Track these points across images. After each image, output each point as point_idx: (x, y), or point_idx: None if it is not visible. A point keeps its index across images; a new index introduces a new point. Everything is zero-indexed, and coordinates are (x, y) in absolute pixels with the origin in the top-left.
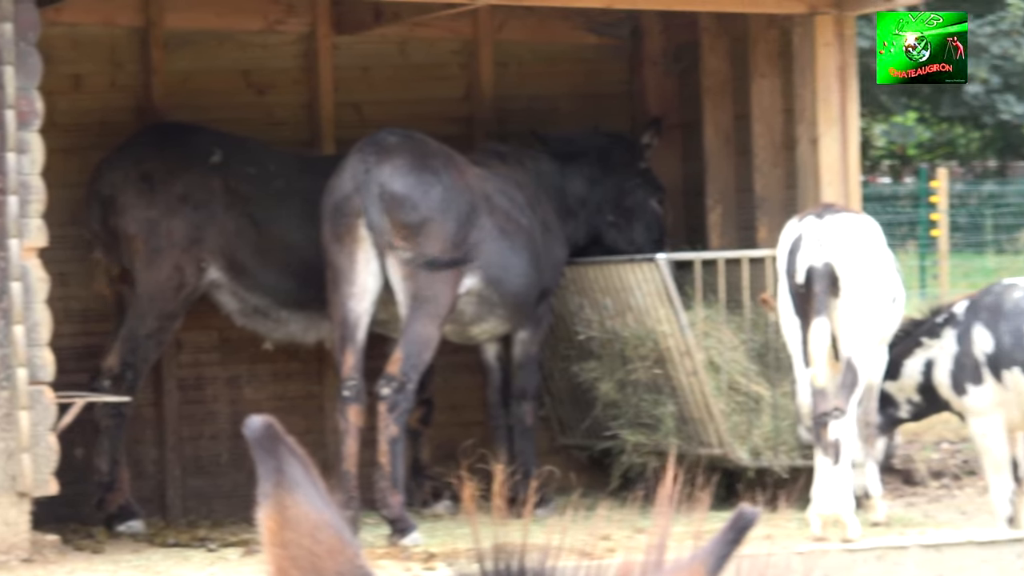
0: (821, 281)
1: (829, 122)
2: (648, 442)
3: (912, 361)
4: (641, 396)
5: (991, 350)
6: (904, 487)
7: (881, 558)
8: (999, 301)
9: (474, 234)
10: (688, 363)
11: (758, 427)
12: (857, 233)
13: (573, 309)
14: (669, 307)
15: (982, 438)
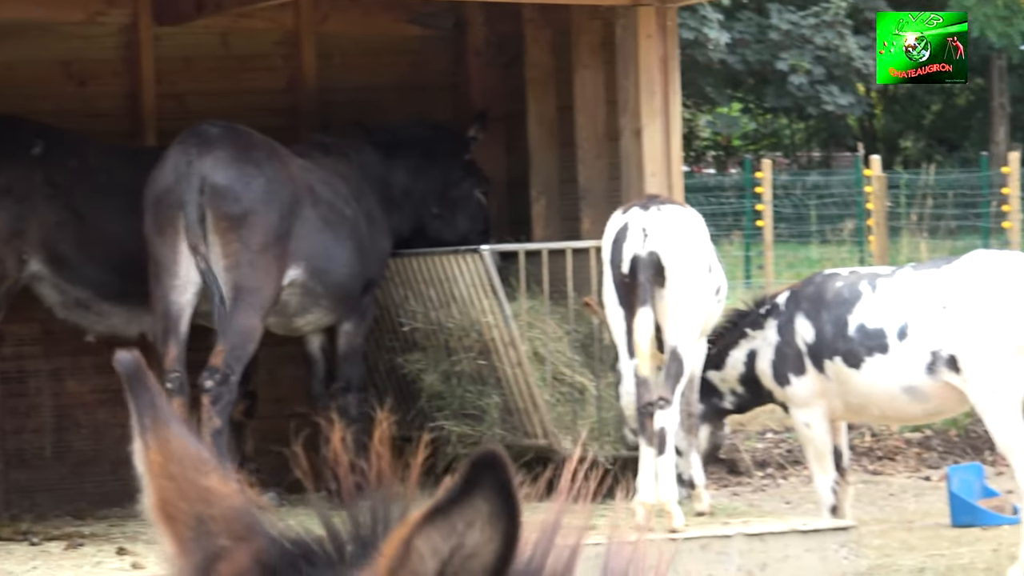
0: (646, 271)
1: (652, 113)
2: (473, 433)
3: (736, 352)
4: (466, 387)
5: (812, 340)
6: (729, 477)
7: (705, 547)
8: (820, 291)
9: (297, 226)
10: (512, 354)
11: (582, 418)
12: (681, 224)
13: (398, 300)
14: (493, 298)
15: (805, 428)
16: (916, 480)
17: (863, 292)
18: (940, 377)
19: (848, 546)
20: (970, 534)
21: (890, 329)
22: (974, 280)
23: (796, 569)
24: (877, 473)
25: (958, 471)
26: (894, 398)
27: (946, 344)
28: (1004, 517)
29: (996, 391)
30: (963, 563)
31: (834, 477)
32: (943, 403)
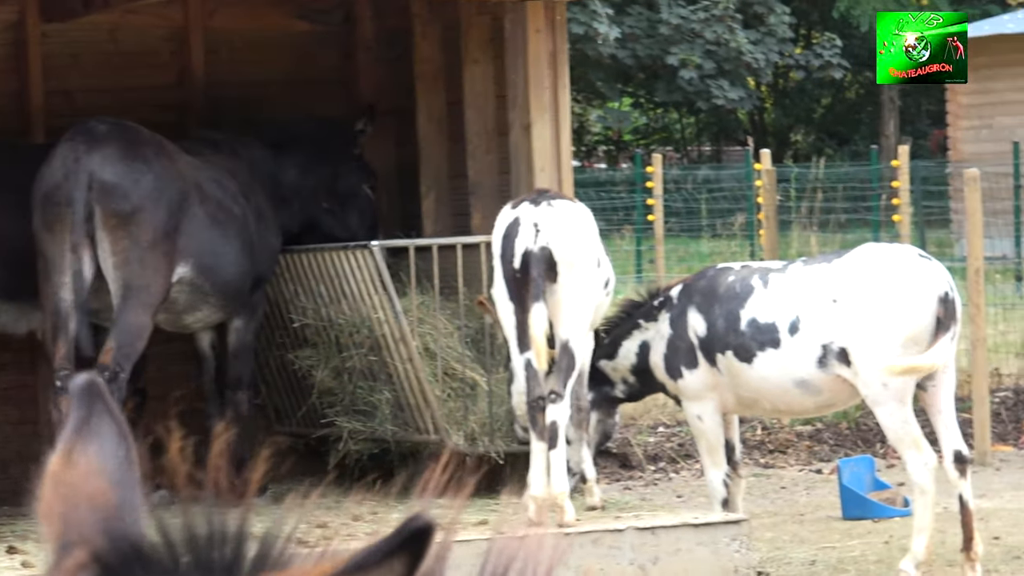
0: (538, 266)
1: (541, 108)
2: (364, 429)
3: (629, 343)
4: (357, 383)
5: (704, 334)
6: (621, 471)
7: (597, 542)
8: (712, 285)
9: (186, 223)
10: (403, 350)
11: (474, 413)
12: (572, 219)
13: (288, 297)
14: (383, 294)
15: (697, 421)
16: (807, 473)
17: (755, 286)
18: (831, 370)
19: (740, 539)
20: (861, 527)
21: (781, 323)
22: (864, 273)
23: (688, 563)
24: (768, 466)
25: (849, 464)
26: (786, 391)
27: (837, 337)
28: (895, 510)
29: (886, 384)
30: (854, 555)
31: (726, 470)
32: (834, 396)
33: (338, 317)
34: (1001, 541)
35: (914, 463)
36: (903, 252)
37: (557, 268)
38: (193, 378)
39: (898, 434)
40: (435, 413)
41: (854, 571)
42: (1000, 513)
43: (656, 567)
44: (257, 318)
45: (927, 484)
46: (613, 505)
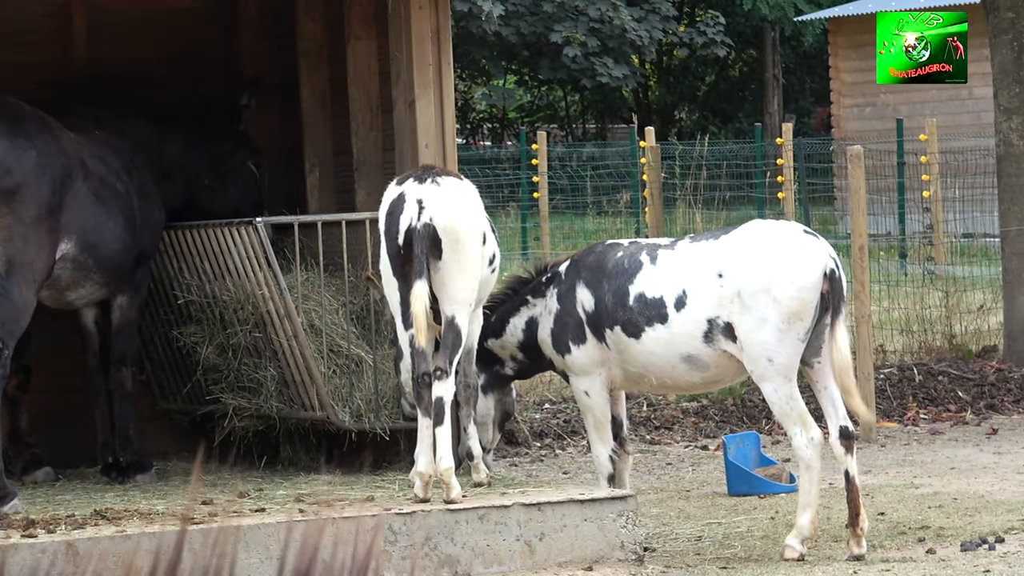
0: (421, 243)
1: (425, 85)
2: (249, 406)
3: (516, 319)
4: (242, 360)
5: (592, 309)
6: (507, 447)
7: (484, 518)
8: (601, 260)
9: (69, 199)
10: (288, 326)
11: (359, 390)
12: (456, 195)
13: (172, 273)
14: (268, 270)
15: (584, 397)
16: (693, 450)
17: (643, 262)
18: (718, 346)
19: (626, 515)
20: (747, 502)
21: (669, 299)
22: (750, 249)
23: (574, 539)
24: (655, 443)
25: (734, 440)
26: (673, 367)
27: (723, 313)
28: (780, 485)
29: (771, 359)
30: (740, 531)
31: (612, 446)
32: (721, 372)
33: (223, 294)
34: (886, 517)
35: (800, 439)
36: (789, 229)
37: (441, 245)
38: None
39: (784, 410)
40: (320, 390)
41: (740, 547)
42: (885, 489)
43: (542, 543)
44: (141, 295)
45: (813, 460)
46: (499, 481)
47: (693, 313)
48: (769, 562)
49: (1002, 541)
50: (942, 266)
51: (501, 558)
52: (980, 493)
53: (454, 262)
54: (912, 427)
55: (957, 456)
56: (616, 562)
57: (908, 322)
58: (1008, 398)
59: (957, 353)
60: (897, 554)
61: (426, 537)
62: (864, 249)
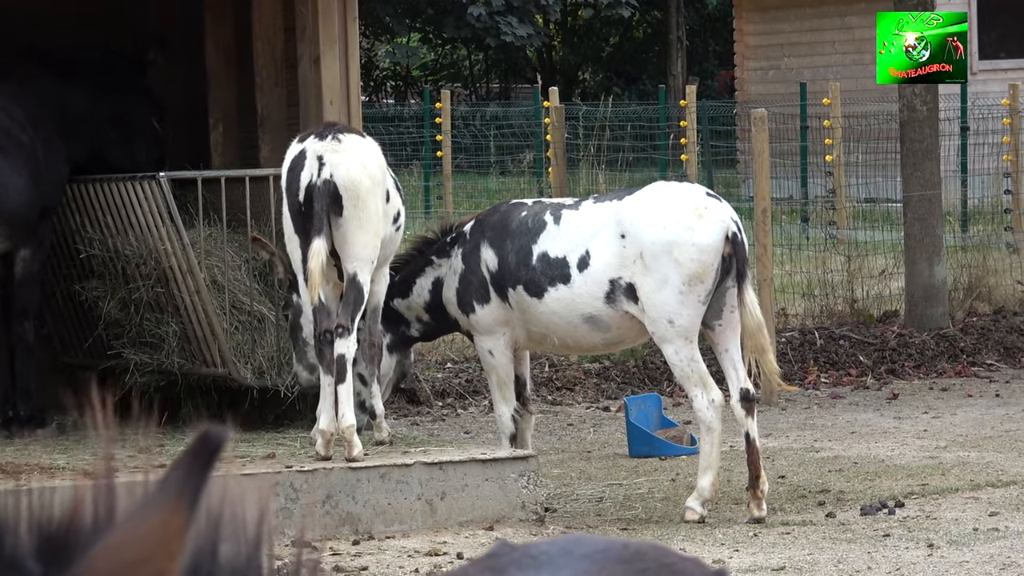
0: (320, 199)
1: (330, 41)
2: (151, 361)
3: (422, 280)
4: (144, 315)
5: (496, 269)
6: (408, 407)
7: (385, 477)
8: (505, 220)
9: None
10: (190, 282)
11: (262, 346)
12: (358, 152)
13: (75, 227)
14: (171, 226)
15: (488, 356)
16: (595, 411)
17: (547, 222)
18: (620, 307)
19: (527, 475)
20: (648, 464)
21: (572, 259)
22: (652, 210)
23: (475, 498)
24: (556, 403)
25: (636, 401)
26: (575, 328)
27: (625, 274)
28: (681, 448)
29: (672, 321)
30: (641, 492)
31: (515, 406)
32: (623, 333)
33: (125, 248)
34: (787, 480)
35: (700, 401)
36: (691, 190)
37: (342, 201)
38: None
39: (684, 372)
40: (222, 346)
41: (641, 508)
42: (786, 452)
43: (443, 502)
44: (44, 248)
45: (713, 422)
46: (401, 440)
47: (595, 274)
48: (669, 524)
49: (902, 506)
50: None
51: (402, 517)
52: (880, 457)
53: (355, 219)
54: (813, 391)
55: (857, 420)
56: (517, 522)
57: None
58: (908, 363)
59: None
60: (797, 517)
61: (327, 495)
62: (767, 212)
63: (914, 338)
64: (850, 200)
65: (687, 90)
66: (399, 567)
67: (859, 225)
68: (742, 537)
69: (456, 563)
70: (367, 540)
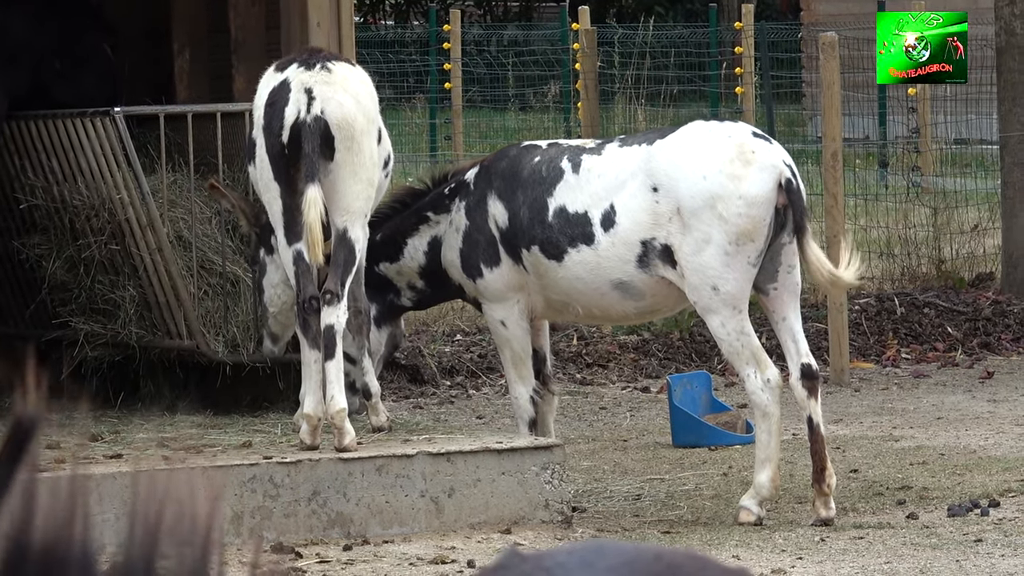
0: (311, 140)
1: None
2: (104, 331)
3: (416, 240)
4: (95, 277)
5: (506, 225)
6: (411, 386)
7: (382, 469)
8: (515, 167)
9: None
10: (151, 238)
11: (236, 315)
12: (351, 84)
13: (13, 173)
14: (128, 171)
15: (500, 328)
16: (632, 392)
17: (564, 170)
18: (655, 272)
19: (551, 469)
20: (695, 455)
21: (594, 215)
22: (689, 157)
23: (490, 495)
24: (586, 383)
25: (681, 381)
26: (603, 295)
27: (660, 234)
28: (734, 436)
29: (717, 288)
30: (687, 489)
31: (534, 386)
32: (659, 301)
33: (73, 198)
34: (860, 475)
35: (753, 382)
36: (734, 131)
37: (333, 143)
38: None
39: (734, 347)
40: (189, 314)
41: (686, 507)
42: (859, 442)
43: (452, 500)
44: None
45: (770, 406)
46: (402, 426)
47: (624, 234)
48: (720, 526)
49: (996, 505)
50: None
51: (403, 518)
52: (972, 448)
53: (348, 164)
54: (892, 368)
55: (945, 404)
56: (539, 524)
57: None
58: (1006, 335)
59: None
60: (873, 519)
61: (314, 491)
62: (838, 156)
63: (1012, 306)
64: (936, 142)
65: (743, 9)
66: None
67: (947, 171)
68: (807, 542)
69: (467, 572)
70: (361, 545)
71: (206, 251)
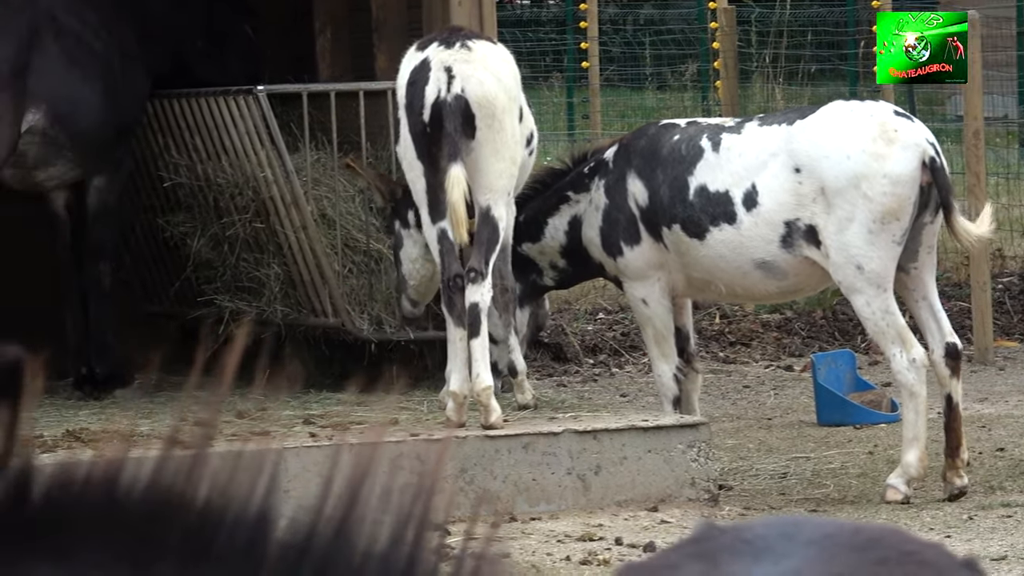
0: (452, 119)
1: None
2: (249, 309)
3: (557, 219)
4: (240, 255)
5: (646, 203)
6: (554, 364)
7: (529, 447)
8: (654, 145)
9: (37, 61)
10: (295, 216)
11: (380, 292)
12: (492, 62)
13: (158, 151)
14: (271, 149)
15: (641, 306)
16: (775, 370)
17: (704, 148)
18: (798, 252)
19: (697, 446)
20: (840, 433)
21: (736, 194)
22: (832, 137)
23: (636, 473)
24: (729, 361)
25: (825, 359)
26: (745, 274)
27: (804, 214)
28: (880, 414)
29: (862, 267)
30: (833, 467)
31: (677, 364)
32: (802, 280)
33: (217, 176)
34: (1007, 453)
35: (899, 361)
36: (877, 110)
37: (474, 121)
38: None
39: (879, 326)
40: (334, 292)
41: (833, 486)
42: (1005, 420)
43: (598, 478)
44: (122, 176)
45: (916, 385)
46: (547, 404)
47: (767, 214)
48: (868, 504)
49: None
50: None
51: (549, 495)
52: None
53: (489, 142)
54: None
55: None
56: (685, 501)
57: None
58: None
59: None
60: (1021, 497)
61: (461, 469)
62: (980, 134)
63: None
64: None
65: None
66: (547, 554)
67: None
68: (955, 521)
69: (615, 549)
70: (508, 522)
71: (350, 229)
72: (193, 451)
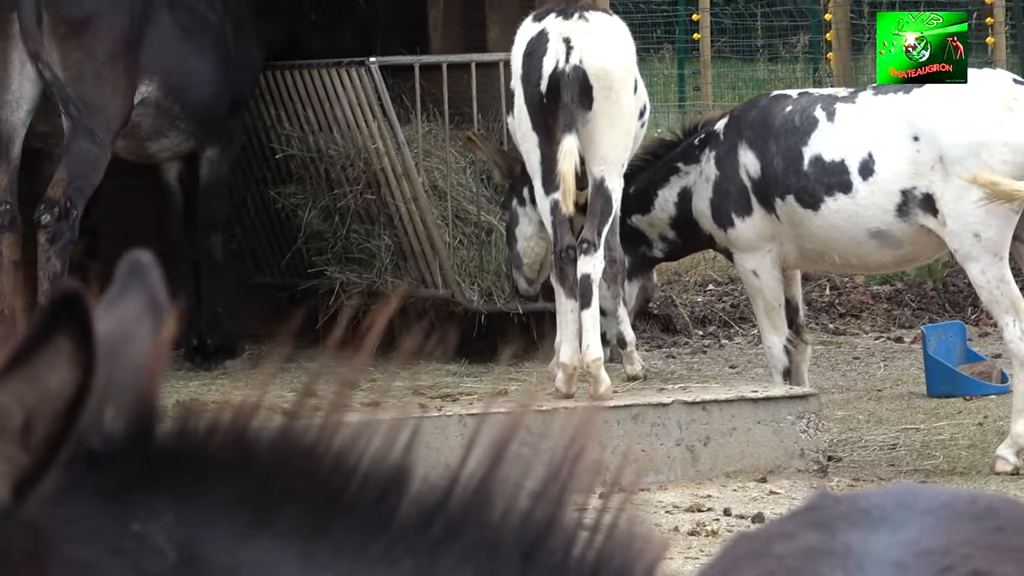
0: (570, 90)
1: None
2: (360, 281)
3: (666, 191)
4: (351, 226)
5: (758, 175)
6: (663, 336)
7: (638, 418)
8: (765, 116)
9: (151, 32)
10: (406, 187)
11: (490, 264)
12: (608, 34)
13: (269, 123)
14: (383, 120)
15: (752, 278)
16: (885, 342)
17: (818, 119)
18: (914, 220)
19: (807, 418)
20: (950, 405)
21: (851, 163)
22: (951, 106)
23: (745, 444)
24: (839, 333)
25: (935, 331)
26: (859, 244)
27: (920, 183)
28: (990, 385)
29: (979, 235)
30: (942, 439)
31: (787, 335)
32: (917, 249)
33: (329, 147)
34: None
35: (1012, 331)
36: (995, 78)
37: (592, 92)
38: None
39: (993, 295)
40: (444, 263)
41: (942, 457)
42: None
43: (707, 449)
44: (234, 147)
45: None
46: (656, 375)
47: (883, 183)
48: (977, 475)
49: None
50: None
51: (658, 465)
52: None
53: (605, 114)
54: None
55: None
56: (794, 472)
57: None
58: None
59: None
60: None
61: None
62: None
63: None
64: None
65: None
66: (656, 524)
67: None
68: None
69: (723, 520)
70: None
71: (461, 201)
72: (328, 412)
